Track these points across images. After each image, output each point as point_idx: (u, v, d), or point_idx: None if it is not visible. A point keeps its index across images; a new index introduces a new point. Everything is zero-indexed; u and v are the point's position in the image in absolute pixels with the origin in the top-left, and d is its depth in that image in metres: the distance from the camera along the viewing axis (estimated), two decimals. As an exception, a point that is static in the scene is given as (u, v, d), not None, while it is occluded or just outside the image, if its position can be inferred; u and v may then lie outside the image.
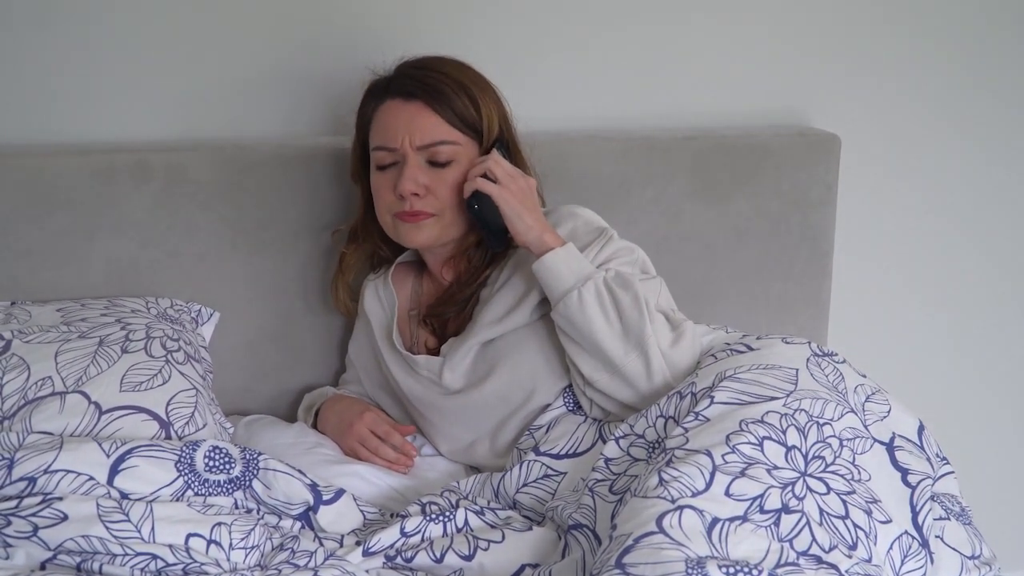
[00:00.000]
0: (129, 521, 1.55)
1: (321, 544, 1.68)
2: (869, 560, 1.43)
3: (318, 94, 2.18)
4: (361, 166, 1.99)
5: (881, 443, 1.61)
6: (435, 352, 1.97)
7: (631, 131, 2.32)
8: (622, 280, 1.79)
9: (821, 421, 1.58)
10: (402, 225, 1.91)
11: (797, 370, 1.68)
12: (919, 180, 2.57)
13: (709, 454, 1.48)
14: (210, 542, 1.58)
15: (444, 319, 1.98)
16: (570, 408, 1.86)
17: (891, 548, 1.48)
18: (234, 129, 2.19)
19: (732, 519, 1.40)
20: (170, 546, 1.55)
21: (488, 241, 1.90)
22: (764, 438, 1.52)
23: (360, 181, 2.01)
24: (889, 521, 1.49)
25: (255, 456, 1.72)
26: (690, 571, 1.30)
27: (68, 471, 1.59)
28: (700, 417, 1.58)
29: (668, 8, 2.35)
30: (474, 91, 1.90)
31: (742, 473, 1.46)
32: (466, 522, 1.70)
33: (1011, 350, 2.74)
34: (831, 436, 1.56)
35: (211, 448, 1.69)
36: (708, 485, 1.44)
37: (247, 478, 1.70)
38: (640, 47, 2.35)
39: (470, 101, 1.89)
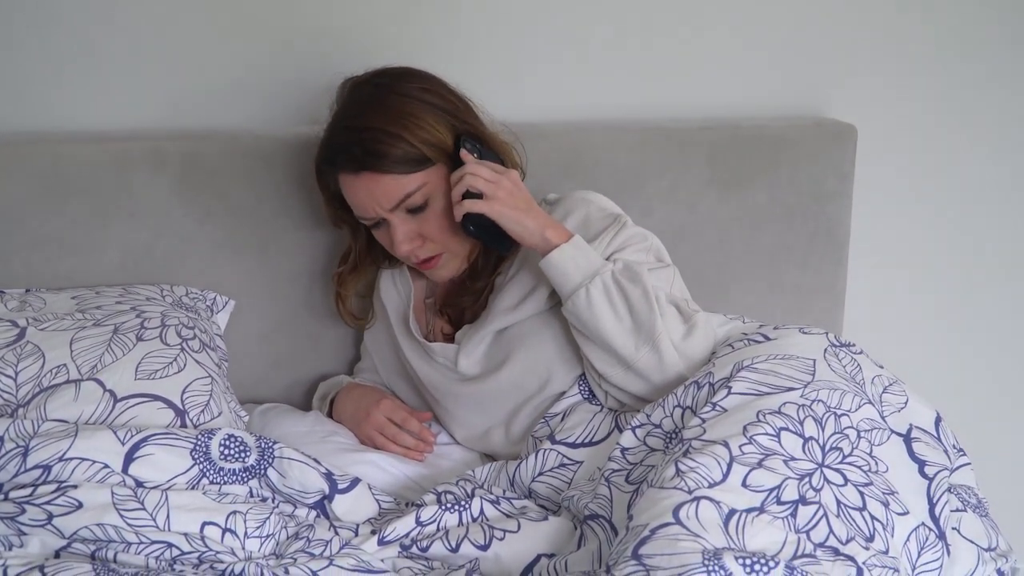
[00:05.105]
0: (144, 509, 1.55)
1: (336, 533, 1.68)
2: (886, 552, 1.42)
3: (336, 83, 2.17)
4: (336, 210, 1.95)
5: (898, 434, 1.61)
6: (451, 339, 1.97)
7: (647, 121, 2.32)
8: (631, 273, 1.77)
9: (839, 412, 1.57)
10: (425, 272, 1.93)
11: (814, 360, 1.67)
12: (935, 170, 2.56)
13: (726, 445, 1.48)
14: (225, 530, 1.58)
15: (460, 308, 1.98)
16: (585, 396, 1.86)
17: (908, 540, 1.47)
18: (250, 118, 2.19)
19: (749, 510, 1.40)
20: (185, 534, 1.55)
21: (495, 249, 1.89)
22: (781, 429, 1.51)
23: (343, 223, 1.99)
24: (906, 513, 1.49)
25: (270, 444, 1.72)
26: (707, 562, 1.29)
27: (83, 459, 1.59)
28: (717, 407, 1.58)
29: (685, -2, 2.34)
30: (409, 129, 1.78)
31: (759, 464, 1.46)
32: (482, 511, 1.70)
33: (1028, 341, 2.74)
34: (848, 427, 1.56)
35: (226, 436, 1.69)
36: (725, 476, 1.44)
37: (262, 466, 1.70)
38: (656, 37, 2.34)
39: (409, 144, 1.78)
